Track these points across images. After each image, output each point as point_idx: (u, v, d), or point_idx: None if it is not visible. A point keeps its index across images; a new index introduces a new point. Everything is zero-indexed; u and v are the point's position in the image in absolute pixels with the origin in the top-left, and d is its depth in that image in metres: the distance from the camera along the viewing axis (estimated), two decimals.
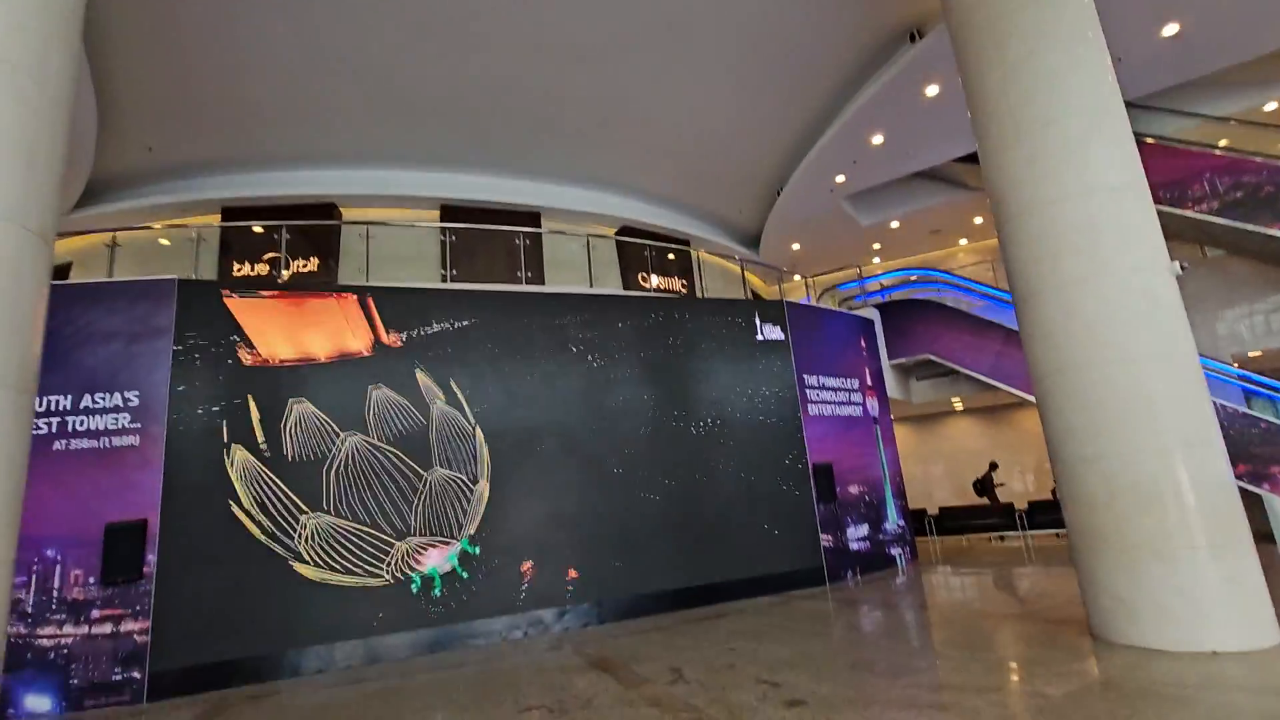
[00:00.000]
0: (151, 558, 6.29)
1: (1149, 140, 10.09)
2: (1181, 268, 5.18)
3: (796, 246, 15.39)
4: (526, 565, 7.53)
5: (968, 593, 7.89)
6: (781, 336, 9.78)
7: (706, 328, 9.35)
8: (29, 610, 6.07)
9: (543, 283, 11.13)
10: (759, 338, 9.62)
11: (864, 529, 9.76)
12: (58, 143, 3.16)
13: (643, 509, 8.22)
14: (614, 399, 8.50)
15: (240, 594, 6.45)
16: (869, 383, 10.91)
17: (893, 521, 10.30)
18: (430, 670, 6.19)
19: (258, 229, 11.07)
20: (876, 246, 16.06)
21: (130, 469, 6.47)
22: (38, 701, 5.90)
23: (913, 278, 14.22)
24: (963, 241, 16.40)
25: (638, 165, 12.36)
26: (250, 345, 7.12)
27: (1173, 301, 4.98)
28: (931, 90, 9.91)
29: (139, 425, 6.56)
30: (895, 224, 14.75)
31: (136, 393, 6.63)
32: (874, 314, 12.10)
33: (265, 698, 5.73)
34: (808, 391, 9.74)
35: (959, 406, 15.27)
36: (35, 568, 6.16)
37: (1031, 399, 10.54)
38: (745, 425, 9.11)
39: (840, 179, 12.52)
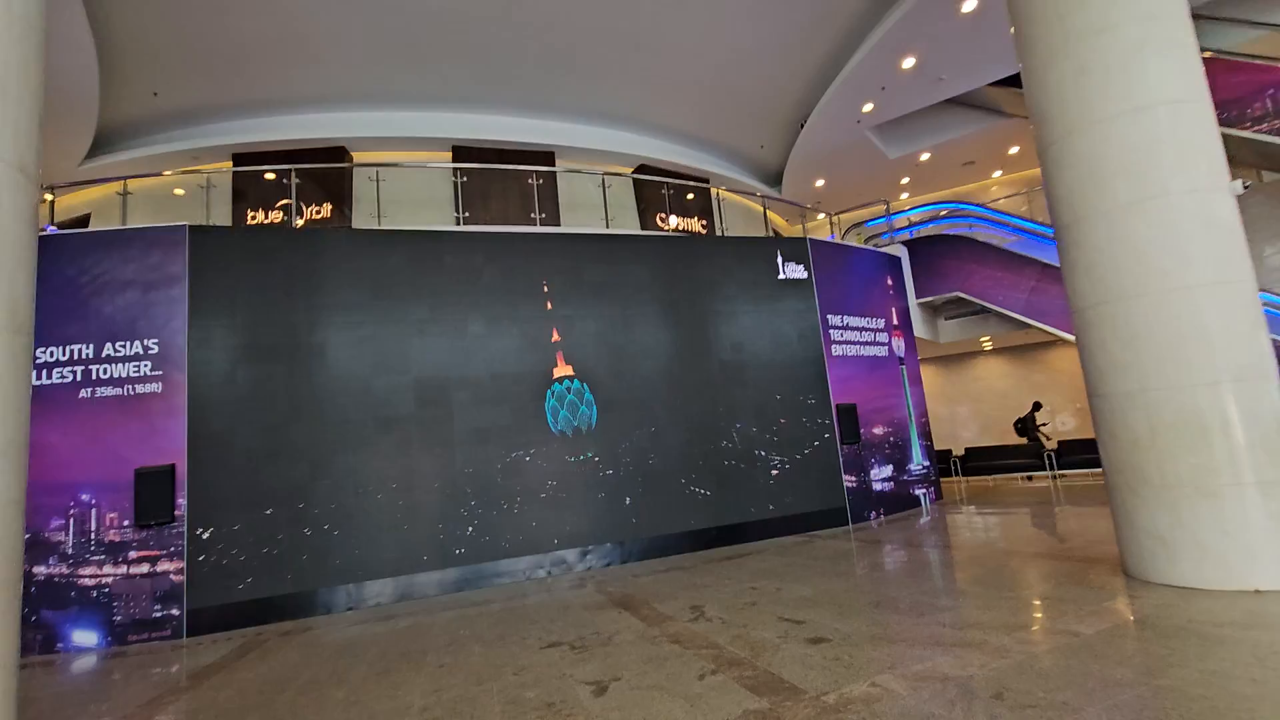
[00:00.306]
0: (182, 501, 6.42)
1: (1206, 54, 9.31)
2: (1244, 186, 4.77)
3: (820, 183, 14.81)
4: (551, 507, 7.57)
5: (994, 532, 7.79)
6: (804, 275, 9.47)
7: (727, 267, 9.08)
8: (69, 551, 6.27)
9: (558, 225, 10.86)
10: (781, 276, 9.33)
11: (888, 469, 9.65)
12: (32, 71, 2.99)
13: (665, 450, 8.17)
14: (633, 340, 8.35)
15: (270, 535, 6.59)
16: (895, 322, 10.60)
17: (917, 462, 10.16)
18: (457, 607, 6.31)
19: (269, 176, 10.90)
20: (905, 181, 15.39)
21: (156, 415, 6.54)
22: (84, 636, 6.16)
23: (942, 213, 13.64)
24: (997, 174, 15.64)
25: (656, 100, 11.83)
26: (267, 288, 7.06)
27: (1232, 224, 4.62)
28: (968, 5, 9.20)
29: (161, 373, 6.60)
30: (925, 156, 14.06)
31: (155, 340, 6.64)
32: (901, 251, 11.66)
33: (298, 634, 5.91)
34: (831, 332, 9.48)
35: (988, 346, 14.87)
36: (72, 511, 6.33)
37: (1066, 336, 10.18)
38: (767, 366, 8.93)
39: (868, 108, 11.87)
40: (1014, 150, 14.28)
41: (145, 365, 6.60)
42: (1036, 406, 13.74)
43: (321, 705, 3.89)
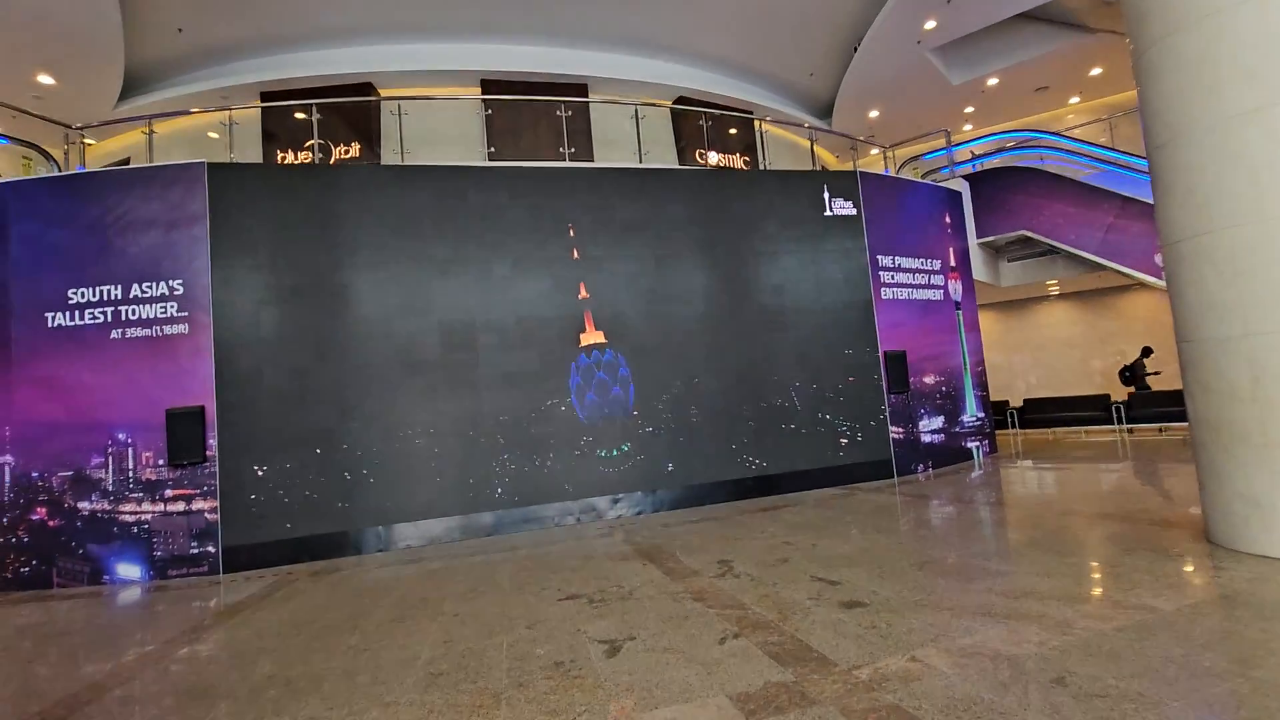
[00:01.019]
0: (212, 442, 6.44)
1: None
2: None
3: (875, 114, 13.73)
4: (579, 452, 7.37)
5: (1054, 489, 7.24)
6: (854, 212, 8.77)
7: (769, 203, 8.46)
8: (110, 489, 6.40)
9: (591, 162, 10.34)
10: (828, 213, 8.66)
11: (938, 420, 9.09)
12: None
13: (700, 397, 7.82)
14: (667, 283, 7.92)
15: (300, 477, 6.59)
16: (952, 264, 9.82)
17: (971, 413, 9.55)
18: (482, 553, 6.22)
19: (299, 115, 10.64)
20: (969, 110, 14.14)
21: (183, 356, 6.52)
22: (128, 570, 6.33)
23: (1010, 143, 12.47)
24: (1073, 100, 14.20)
25: (696, 25, 10.98)
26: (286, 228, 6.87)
27: None
28: None
29: (186, 314, 6.54)
30: (993, 81, 12.82)
31: (180, 281, 6.56)
32: (962, 186, 10.73)
33: (326, 574, 5.92)
34: (881, 273, 8.83)
35: (1054, 291, 13.82)
36: (110, 450, 6.43)
37: (1146, 279, 9.25)
38: (810, 311, 8.39)
39: (929, 25, 10.76)
40: (1095, 72, 12.87)
41: (171, 306, 6.54)
42: (1146, 352, 12.38)
43: (331, 651, 3.79)
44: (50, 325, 6.51)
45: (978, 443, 9.58)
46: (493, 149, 9.30)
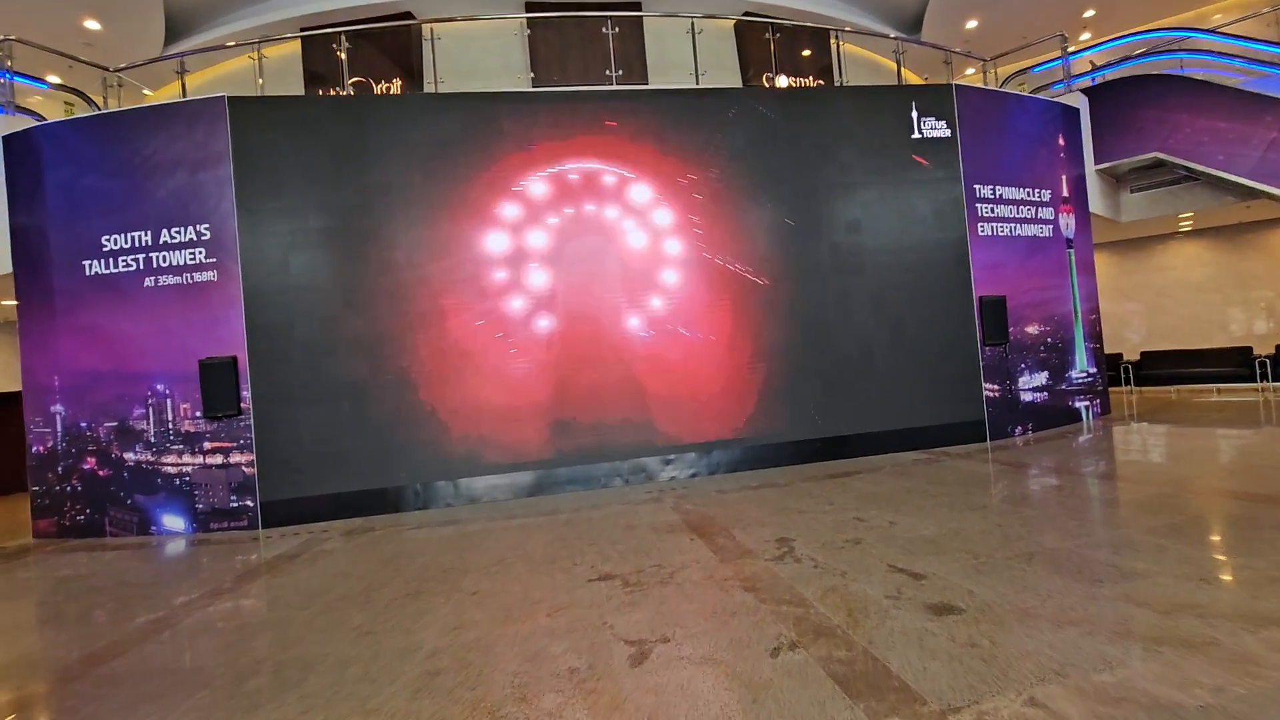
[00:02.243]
0: (246, 393, 6.20)
1: None
2: None
3: (973, 24, 11.97)
4: (629, 408, 6.77)
5: (1191, 461, 6.10)
6: (947, 133, 7.53)
7: (845, 126, 7.35)
8: (152, 440, 6.31)
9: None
10: (916, 135, 7.46)
11: (1042, 376, 7.93)
12: None
13: (762, 349, 7.01)
14: (727, 218, 7.04)
15: (335, 430, 6.30)
16: (1065, 194, 8.42)
17: (1081, 368, 8.31)
18: (521, 515, 5.78)
19: (340, 54, 10.15)
20: (1089, 15, 12.12)
21: (214, 305, 6.26)
22: (173, 521, 6.28)
23: (1139, 48, 10.54)
24: None
25: None
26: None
27: None
28: None
29: (215, 260, 6.25)
30: None
31: (207, 226, 6.25)
32: (1080, 102, 9.13)
33: (358, 534, 5.63)
34: (979, 206, 7.61)
35: (1185, 226, 11.92)
36: (150, 401, 6.31)
37: None
38: (893, 250, 7.33)
39: None
40: None
41: (200, 252, 6.26)
42: None
43: (334, 631, 3.39)
44: (88, 273, 6.37)
45: (1087, 402, 8.36)
46: (534, 75, 8.51)
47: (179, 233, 6.25)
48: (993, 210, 7.69)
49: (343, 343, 6.35)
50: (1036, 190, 8.08)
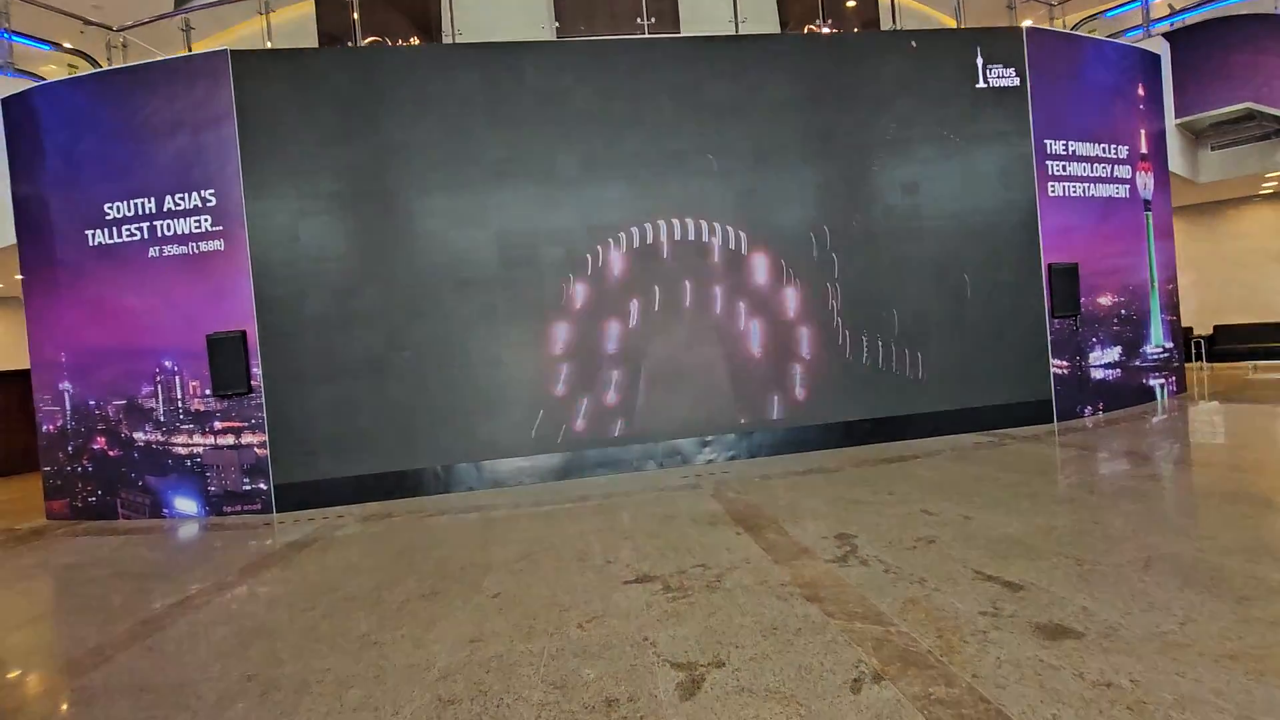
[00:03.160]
0: (257, 371, 5.84)
1: None
2: None
3: None
4: (662, 387, 6.27)
5: None
6: (1015, 82, 6.77)
7: (901, 75, 6.63)
8: (161, 419, 6.00)
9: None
10: (981, 85, 6.72)
11: (1114, 352, 7.22)
12: None
13: (808, 321, 6.43)
14: (768, 181, 6.43)
15: (351, 410, 5.92)
16: (1143, 151, 7.60)
17: (1156, 342, 7.57)
18: (548, 502, 5.35)
19: (354, 14, 9.63)
20: None
21: (221, 276, 5.88)
22: (185, 504, 5.99)
23: None
24: None
25: None
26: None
27: None
28: None
29: (221, 228, 5.85)
30: None
31: (212, 191, 5.84)
32: (1161, 47, 8.22)
33: (375, 520, 5.26)
34: (1049, 164, 6.86)
35: (1268, 188, 10.90)
36: (159, 378, 5.99)
37: None
38: (953, 214, 6.65)
39: None
40: None
41: (205, 220, 5.86)
42: None
43: (337, 641, 2.99)
44: (91, 244, 6.03)
45: (1163, 380, 7.62)
46: (559, 25, 7.90)
47: (183, 199, 5.86)
48: (1065, 168, 6.93)
49: (358, 316, 5.93)
50: (1113, 146, 7.29)
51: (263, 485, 5.85)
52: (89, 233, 6.02)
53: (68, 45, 7.60)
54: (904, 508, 4.30)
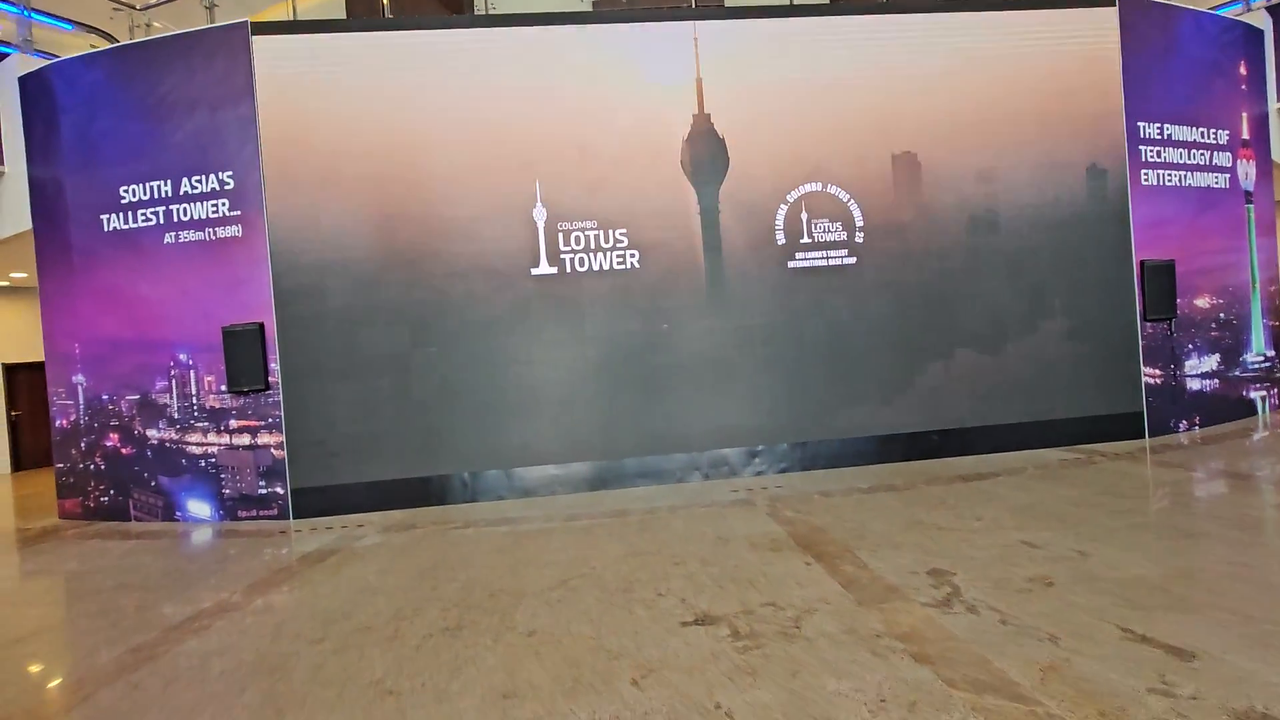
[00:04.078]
0: (275, 366, 5.45)
1: None
2: None
3: None
4: (708, 391, 5.74)
5: None
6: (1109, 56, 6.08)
7: (965, 47, 5.99)
8: (175, 416, 5.65)
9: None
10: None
11: (1212, 360, 6.49)
12: None
13: (869, 321, 5.85)
14: (824, 160, 5.85)
15: (373, 410, 5.50)
16: (1245, 137, 6.84)
17: (1257, 350, 6.80)
18: (584, 516, 4.86)
19: None
20: None
21: (239, 265, 5.50)
22: (199, 508, 5.63)
23: None
24: None
25: None
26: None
27: None
28: None
29: (239, 213, 5.47)
30: None
31: (230, 173, 5.47)
32: (1265, 23, 7.42)
33: (396, 532, 4.83)
34: (1142, 149, 6.16)
35: None
36: (172, 372, 5.64)
37: None
38: (1032, 205, 5.99)
39: None
40: None
41: (223, 204, 5.49)
42: None
43: (346, 686, 2.52)
44: (106, 229, 5.71)
45: (1264, 391, 6.85)
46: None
47: (200, 182, 5.50)
48: (1159, 154, 6.23)
49: (382, 308, 5.51)
50: (1212, 131, 6.55)
51: (279, 489, 5.47)
52: (104, 217, 5.69)
53: (90, 25, 7.33)
54: (998, 537, 3.71)
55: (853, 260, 5.82)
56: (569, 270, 5.62)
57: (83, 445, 5.92)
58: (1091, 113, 6.00)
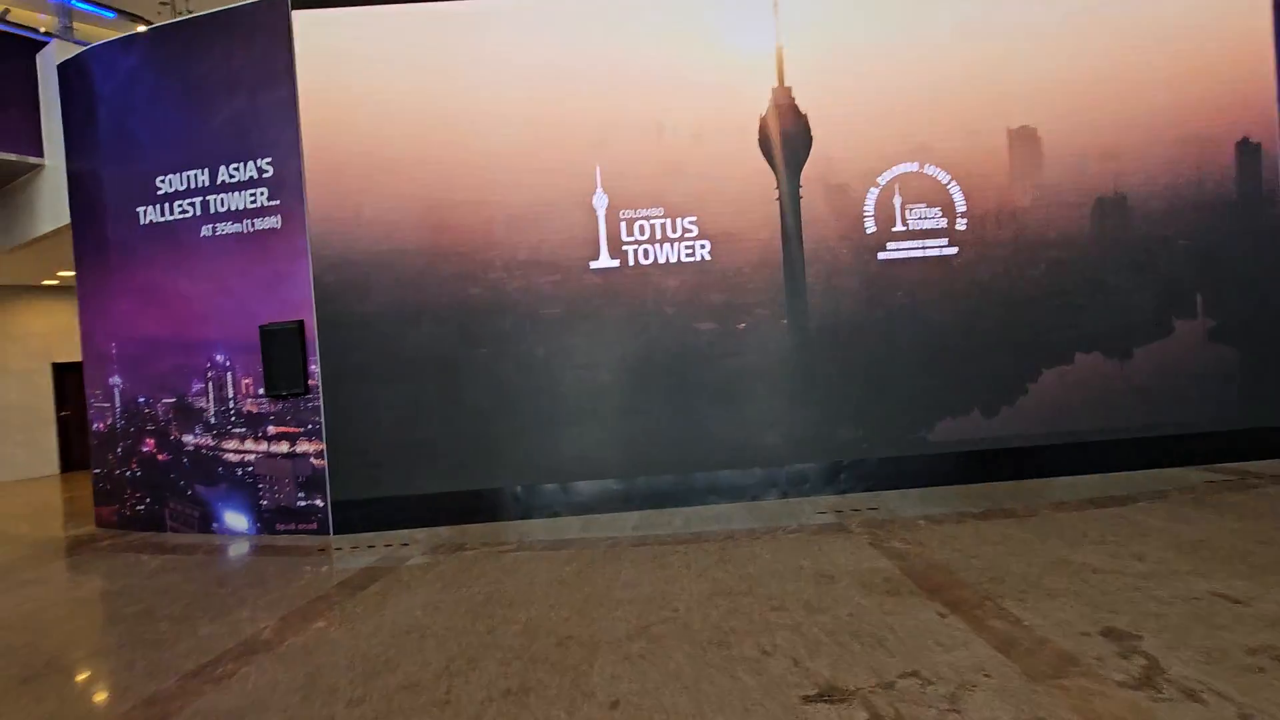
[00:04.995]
0: (315, 369, 5.04)
1: None
2: None
3: None
4: (786, 399, 5.11)
5: None
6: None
7: (1091, 3, 5.21)
8: (212, 420, 5.30)
9: None
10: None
11: None
12: None
13: (969, 321, 5.13)
14: (919, 132, 5.15)
15: (419, 416, 5.04)
16: None
17: None
18: (653, 539, 4.30)
19: None
20: None
21: (278, 258, 5.12)
22: (235, 519, 5.27)
23: None
24: None
25: None
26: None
27: None
28: None
29: (278, 202, 5.09)
30: None
31: (269, 160, 5.09)
32: None
33: (447, 553, 4.34)
34: None
35: None
36: (209, 374, 5.29)
37: None
38: (1165, 185, 5.18)
39: None
40: None
41: (261, 194, 5.11)
42: None
43: None
44: (143, 222, 5.40)
45: None
46: None
47: (237, 169, 5.13)
48: None
49: (428, 306, 5.05)
50: None
51: (319, 501, 5.05)
52: (140, 210, 5.39)
53: (131, 12, 7.11)
54: (1178, 585, 2.99)
55: (953, 250, 5.11)
56: (632, 263, 5.06)
57: (119, 450, 5.63)
58: (1240, 76, 5.15)
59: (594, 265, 5.06)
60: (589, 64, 5.04)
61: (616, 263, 5.05)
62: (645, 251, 5.06)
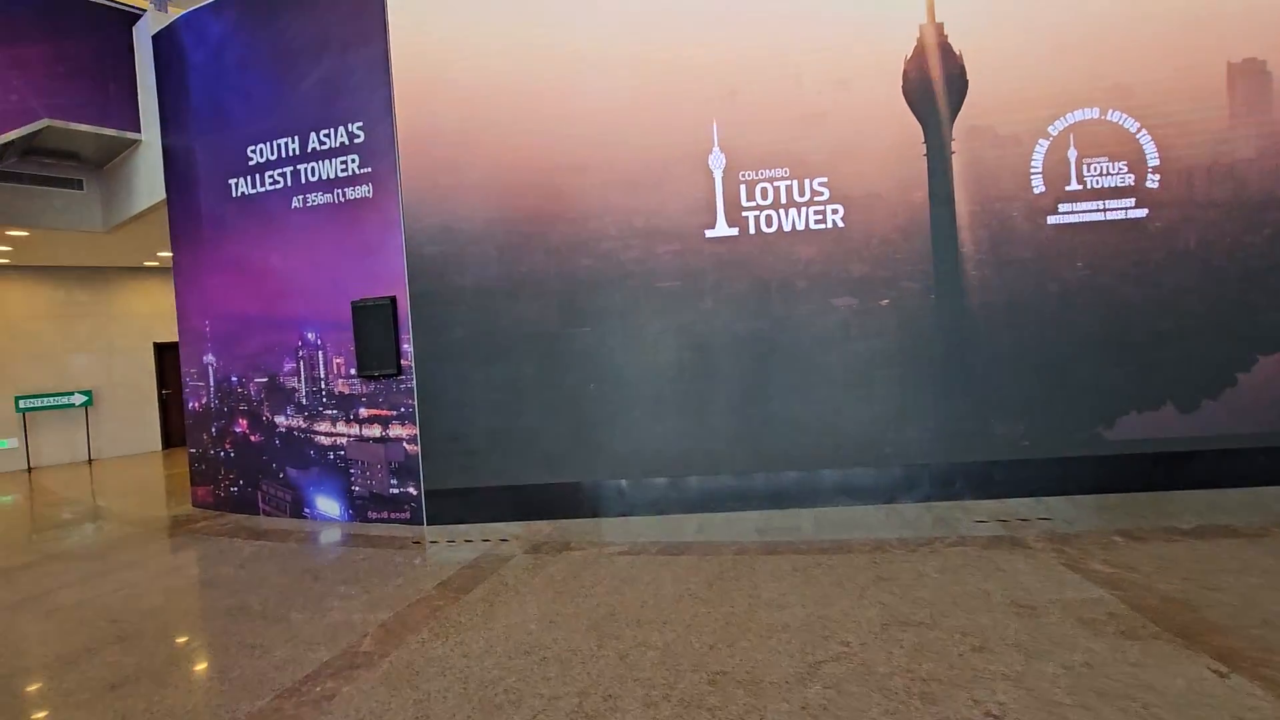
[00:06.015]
0: (408, 348, 4.70)
1: None
2: None
3: None
4: (933, 384, 4.41)
5: None
6: None
7: None
8: (304, 401, 5.07)
9: None
10: None
11: None
12: None
13: (1163, 297, 4.27)
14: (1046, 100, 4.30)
15: (516, 401, 4.63)
16: None
17: None
18: (785, 546, 3.73)
19: None
20: None
21: (369, 229, 4.79)
22: (327, 505, 5.03)
23: None
24: None
25: None
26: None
27: None
28: None
29: (369, 169, 4.75)
30: None
31: (360, 125, 4.75)
32: None
33: (549, 554, 3.91)
34: None
35: None
36: (300, 353, 5.05)
37: None
38: (1258, 146, 4.14)
39: None
40: None
41: (352, 161, 4.79)
42: None
43: None
44: (234, 194, 5.19)
45: None
46: None
47: (328, 136, 4.83)
48: None
49: (527, 281, 4.61)
50: None
51: (412, 490, 4.73)
52: (232, 182, 5.18)
53: None
54: None
55: (1143, 213, 4.25)
56: (752, 231, 4.46)
57: (213, 430, 5.51)
58: None
59: (709, 234, 4.48)
60: (706, 3, 4.44)
61: (735, 231, 4.46)
62: (768, 218, 4.44)
